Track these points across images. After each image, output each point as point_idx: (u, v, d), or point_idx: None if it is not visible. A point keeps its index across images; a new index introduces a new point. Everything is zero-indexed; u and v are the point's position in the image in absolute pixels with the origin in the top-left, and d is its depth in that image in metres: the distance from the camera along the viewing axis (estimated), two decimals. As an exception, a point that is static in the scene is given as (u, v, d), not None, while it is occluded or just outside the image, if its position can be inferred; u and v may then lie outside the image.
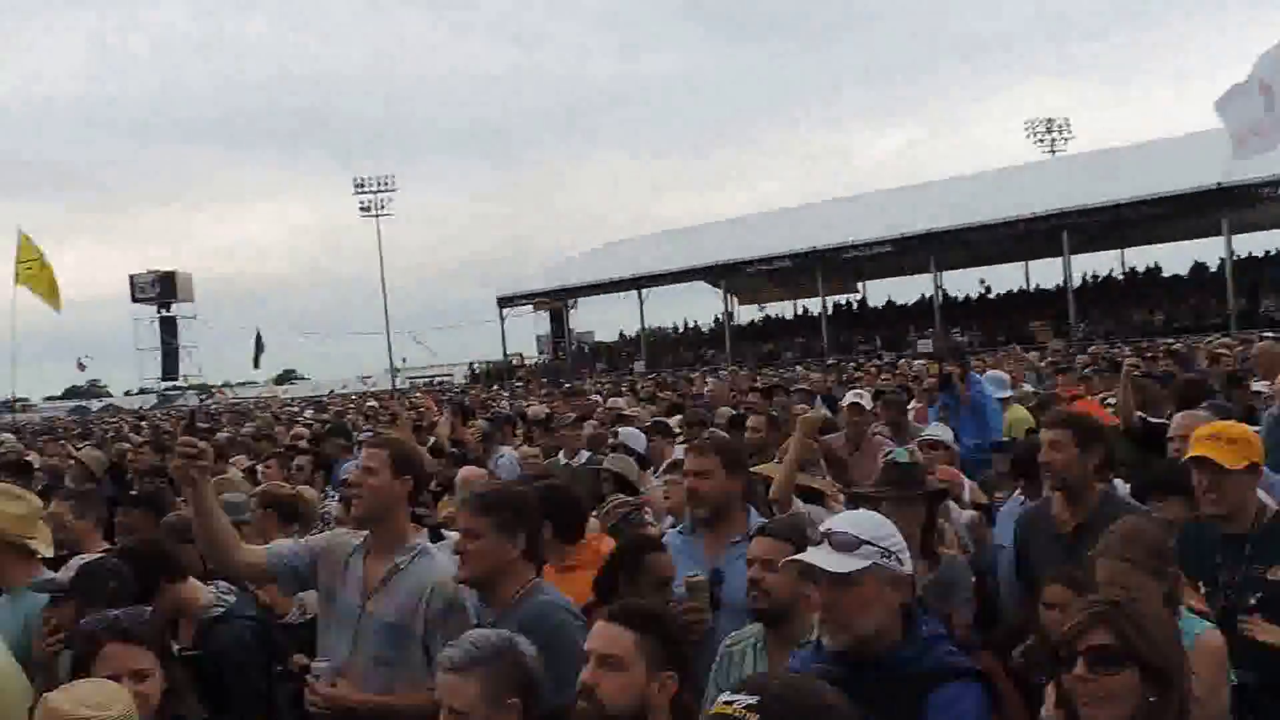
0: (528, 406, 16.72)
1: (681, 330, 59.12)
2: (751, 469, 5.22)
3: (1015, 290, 51.36)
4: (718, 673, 3.45)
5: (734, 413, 10.14)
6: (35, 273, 23.39)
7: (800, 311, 56.64)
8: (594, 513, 5.47)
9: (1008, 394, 9.47)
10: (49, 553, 4.37)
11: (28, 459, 10.22)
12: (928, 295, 48.03)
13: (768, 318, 58.75)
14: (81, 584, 3.73)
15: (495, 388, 38.44)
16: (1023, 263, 50.64)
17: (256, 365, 52.57)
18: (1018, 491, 5.72)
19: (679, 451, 6.61)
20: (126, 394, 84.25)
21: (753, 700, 1.70)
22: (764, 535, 3.57)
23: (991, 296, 51.13)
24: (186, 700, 3.08)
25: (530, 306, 60.36)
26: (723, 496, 4.37)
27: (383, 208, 68.60)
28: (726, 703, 1.73)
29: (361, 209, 68.66)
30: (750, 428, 7.77)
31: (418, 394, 29.84)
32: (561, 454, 8.90)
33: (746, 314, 58.89)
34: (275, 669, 4.25)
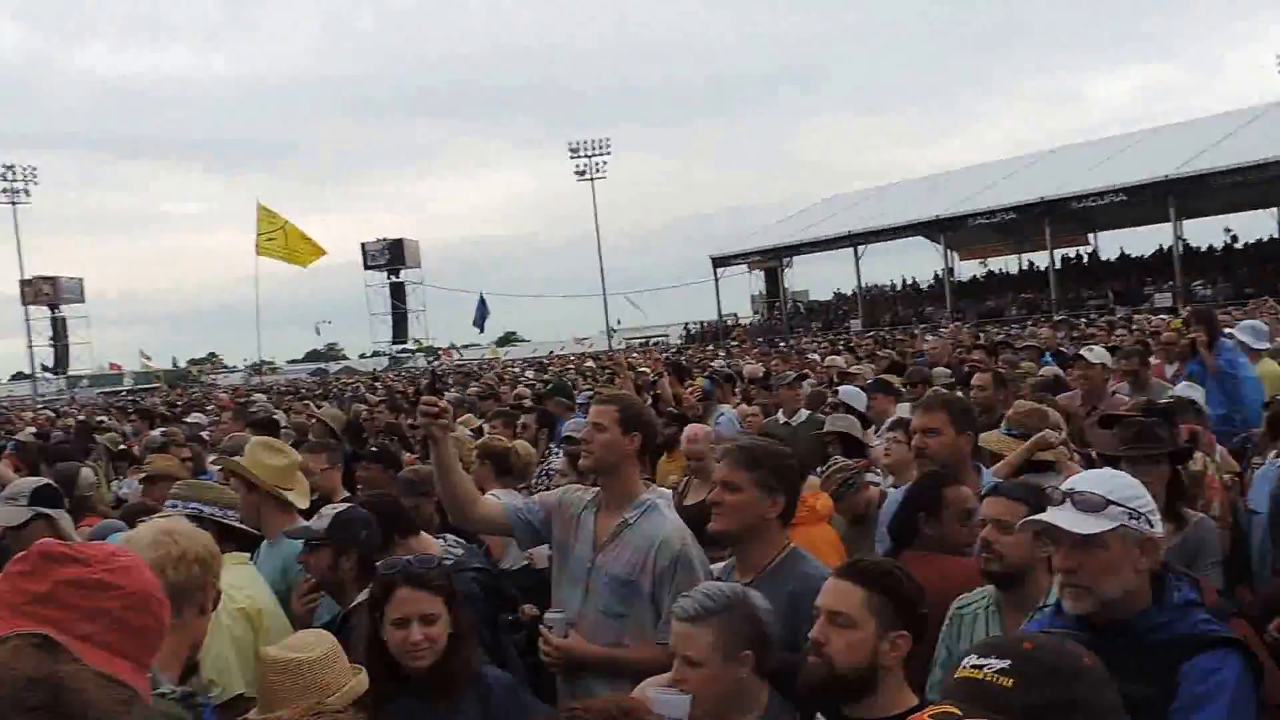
0: (744, 366, 16.71)
1: (899, 287, 57.79)
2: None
3: (1265, 239, 47.74)
4: (948, 635, 3.38)
5: (949, 372, 9.87)
6: (279, 242, 25.03)
7: (1025, 266, 54.43)
8: (816, 470, 5.44)
9: (1264, 346, 8.74)
10: (304, 504, 4.65)
11: (275, 417, 10.95)
12: (1166, 246, 45.37)
13: (990, 273, 56.68)
14: (336, 531, 3.96)
15: (710, 348, 38.53)
16: (1274, 209, 47.05)
17: (480, 328, 54.33)
18: (1274, 454, 5.34)
19: (902, 410, 6.46)
20: (361, 356, 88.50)
21: (1005, 664, 1.62)
22: (997, 495, 3.42)
23: (1238, 246, 47.71)
24: (471, 645, 3.22)
25: (745, 266, 60.21)
26: (952, 454, 4.27)
27: (598, 171, 69.59)
28: (975, 667, 1.64)
29: (577, 173, 69.78)
30: (976, 386, 7.53)
31: (635, 354, 30.22)
32: (780, 412, 8.89)
33: (967, 269, 57.05)
34: (505, 618, 4.41)
